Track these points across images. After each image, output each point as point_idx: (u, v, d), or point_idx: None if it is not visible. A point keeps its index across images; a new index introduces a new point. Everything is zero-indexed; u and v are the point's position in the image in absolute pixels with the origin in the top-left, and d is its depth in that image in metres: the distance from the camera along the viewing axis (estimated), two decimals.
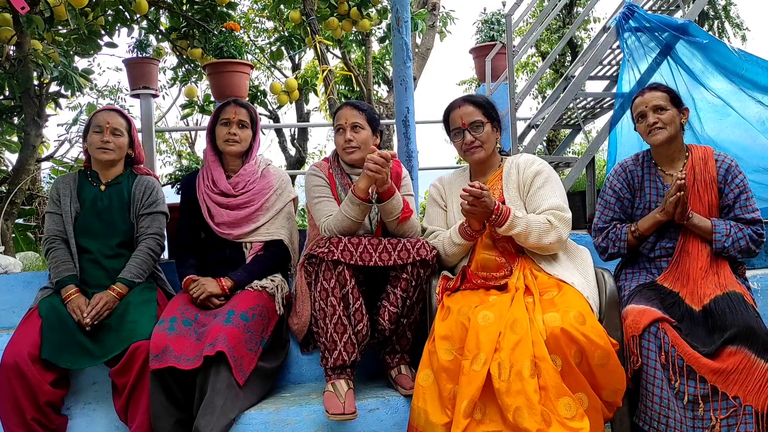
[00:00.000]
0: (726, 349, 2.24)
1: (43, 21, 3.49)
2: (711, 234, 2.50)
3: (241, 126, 2.90)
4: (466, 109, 2.66)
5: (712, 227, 2.51)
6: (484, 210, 2.41)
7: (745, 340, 2.22)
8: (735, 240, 2.49)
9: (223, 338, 2.42)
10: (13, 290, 3.17)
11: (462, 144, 2.67)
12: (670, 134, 2.60)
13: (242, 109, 2.92)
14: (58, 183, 2.89)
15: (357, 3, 5.43)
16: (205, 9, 4.82)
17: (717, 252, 2.50)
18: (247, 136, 2.92)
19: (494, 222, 2.45)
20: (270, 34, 9.75)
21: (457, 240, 2.58)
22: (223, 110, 2.92)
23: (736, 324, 2.25)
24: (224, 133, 2.88)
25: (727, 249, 2.49)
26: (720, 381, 2.20)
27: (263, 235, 2.89)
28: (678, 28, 3.52)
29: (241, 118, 2.90)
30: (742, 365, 2.19)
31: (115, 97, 9.89)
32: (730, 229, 2.50)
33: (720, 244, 2.49)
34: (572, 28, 5.12)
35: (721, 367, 2.21)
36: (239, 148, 2.90)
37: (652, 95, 2.64)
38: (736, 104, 3.58)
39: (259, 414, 2.45)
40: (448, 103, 2.75)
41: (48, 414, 2.51)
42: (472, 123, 2.64)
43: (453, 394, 2.22)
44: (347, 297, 2.50)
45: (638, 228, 2.61)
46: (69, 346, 2.52)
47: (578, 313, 2.21)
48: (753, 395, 2.17)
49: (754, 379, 2.18)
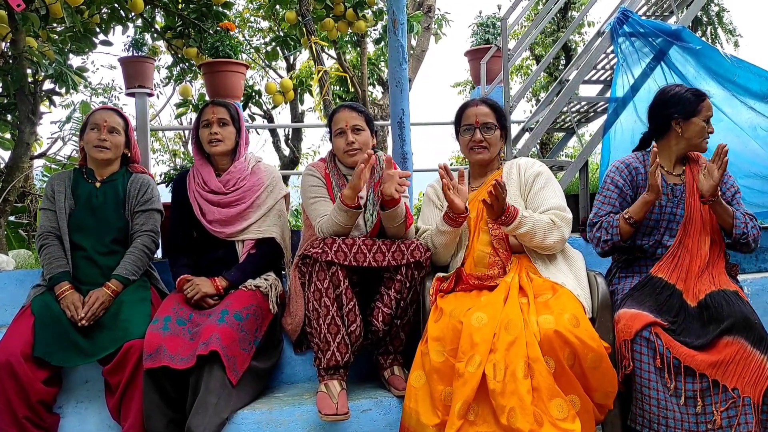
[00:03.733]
0: (722, 339, 2.27)
1: (38, 18, 3.48)
2: (732, 218, 2.53)
3: (222, 124, 2.89)
4: (482, 109, 2.72)
5: (732, 212, 2.55)
6: (500, 207, 2.43)
7: (741, 330, 2.26)
8: (751, 227, 2.55)
9: (216, 338, 2.42)
10: (5, 288, 3.16)
11: (470, 141, 2.70)
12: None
13: (220, 108, 2.91)
14: (53, 180, 2.88)
15: (353, 4, 5.44)
16: (201, 8, 4.82)
17: (736, 237, 2.54)
18: (230, 133, 2.91)
19: (503, 221, 2.47)
20: (265, 34, 9.75)
21: (442, 227, 2.59)
22: (203, 112, 2.92)
23: (732, 315, 2.29)
24: (206, 135, 2.88)
25: (746, 234, 2.53)
26: (719, 373, 2.23)
27: (255, 233, 2.89)
28: (671, 34, 3.55)
29: (220, 116, 2.89)
30: (739, 355, 2.23)
31: (109, 94, 9.86)
32: (744, 217, 2.56)
33: (740, 229, 2.53)
34: (567, 32, 5.14)
35: (718, 358, 2.24)
36: (223, 147, 2.90)
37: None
38: (728, 110, 3.60)
39: (251, 414, 2.46)
40: (465, 101, 2.82)
41: (40, 412, 2.50)
42: (485, 123, 2.69)
43: (444, 395, 2.24)
44: (341, 298, 2.51)
45: (630, 212, 2.58)
46: (62, 343, 2.52)
47: (572, 315, 2.23)
48: (750, 386, 2.20)
49: (750, 370, 2.21)
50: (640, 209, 2.56)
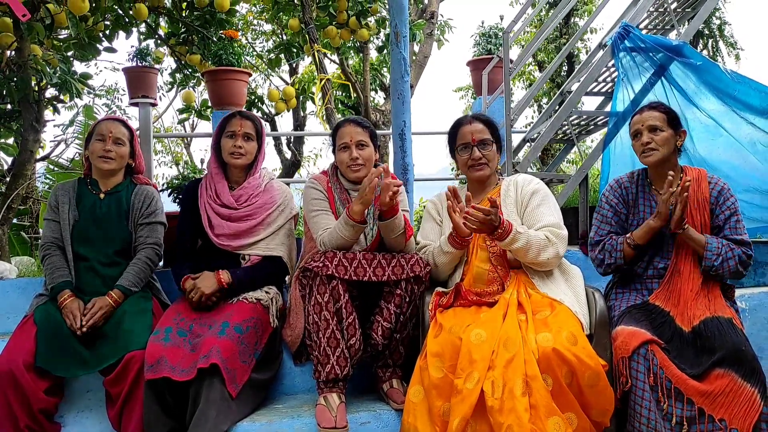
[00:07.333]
0: (714, 371, 2.27)
1: (43, 29, 3.50)
2: (703, 249, 2.50)
3: (246, 138, 2.90)
4: (476, 126, 2.73)
5: (705, 243, 2.51)
6: (490, 226, 2.46)
7: (732, 364, 2.26)
8: (725, 260, 2.49)
9: (216, 350, 2.44)
10: (8, 296, 3.18)
11: (468, 159, 2.72)
12: (663, 155, 2.62)
13: (248, 122, 2.92)
14: (57, 190, 2.90)
15: (356, 13, 5.47)
16: (205, 15, 4.85)
17: (705, 270, 2.51)
18: (252, 148, 2.93)
19: (498, 236, 2.49)
20: (268, 37, 9.76)
21: (446, 248, 2.61)
22: (229, 122, 2.92)
23: (724, 347, 2.29)
24: (230, 146, 2.88)
25: (716, 268, 2.49)
26: (707, 403, 2.23)
27: (262, 250, 2.90)
28: (672, 50, 3.57)
29: (247, 130, 2.90)
30: (729, 388, 2.23)
31: (112, 96, 9.88)
32: (721, 248, 2.50)
33: (709, 262, 2.49)
34: (570, 42, 5.17)
35: (708, 389, 2.24)
36: (244, 161, 2.91)
37: (649, 114, 2.66)
38: (728, 125, 3.62)
39: (251, 426, 2.47)
40: (456, 119, 2.82)
41: (41, 421, 2.52)
42: (482, 141, 2.71)
43: (443, 411, 2.25)
44: (340, 311, 2.53)
45: (633, 237, 2.61)
46: (64, 354, 2.54)
47: (570, 333, 2.25)
48: (738, 419, 2.20)
49: (740, 403, 2.21)
50: (644, 234, 2.59)
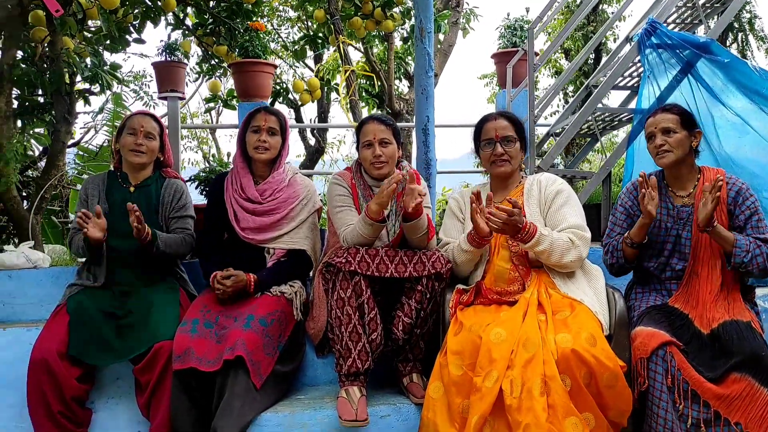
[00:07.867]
0: (731, 375, 2.28)
1: (75, 23, 3.57)
2: (732, 246, 2.48)
3: (271, 133, 2.95)
4: (501, 122, 2.75)
5: (734, 240, 2.49)
6: (514, 227, 2.48)
7: (750, 368, 2.26)
8: (754, 256, 2.47)
9: (242, 343, 2.51)
10: (42, 285, 3.26)
11: (491, 155, 2.74)
12: (677, 157, 2.62)
13: (272, 117, 2.97)
14: (87, 184, 2.97)
15: (381, 3, 5.47)
16: (232, 6, 4.88)
17: (734, 266, 2.49)
18: (277, 143, 2.97)
19: (521, 238, 2.51)
20: (293, 23, 9.78)
21: (465, 247, 2.64)
22: (254, 117, 2.97)
23: (742, 351, 2.29)
24: (254, 140, 2.93)
25: (745, 265, 2.47)
26: (723, 407, 2.24)
27: (286, 243, 2.94)
28: (700, 47, 3.53)
29: (271, 125, 2.95)
30: (746, 392, 2.24)
31: (140, 82, 9.98)
32: (750, 245, 2.48)
33: (739, 258, 2.47)
34: (598, 35, 5.11)
35: (725, 393, 2.25)
36: (269, 155, 2.96)
37: (662, 116, 2.65)
38: (756, 123, 3.57)
39: (274, 416, 2.54)
40: (482, 116, 2.84)
41: (73, 408, 2.61)
42: (505, 137, 2.73)
43: (462, 408, 2.29)
44: (362, 306, 2.58)
45: (630, 236, 2.63)
46: (95, 343, 2.62)
47: (590, 334, 2.28)
48: (755, 423, 2.21)
49: (756, 407, 2.22)
50: (637, 232, 2.61)
